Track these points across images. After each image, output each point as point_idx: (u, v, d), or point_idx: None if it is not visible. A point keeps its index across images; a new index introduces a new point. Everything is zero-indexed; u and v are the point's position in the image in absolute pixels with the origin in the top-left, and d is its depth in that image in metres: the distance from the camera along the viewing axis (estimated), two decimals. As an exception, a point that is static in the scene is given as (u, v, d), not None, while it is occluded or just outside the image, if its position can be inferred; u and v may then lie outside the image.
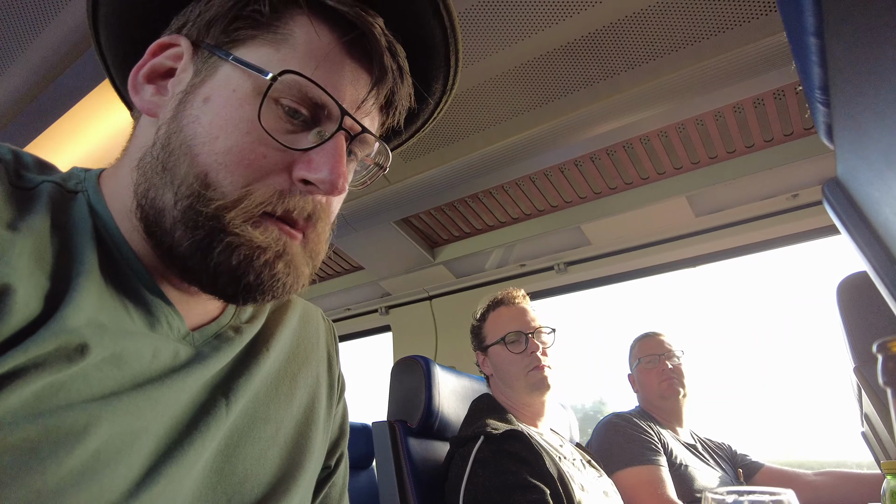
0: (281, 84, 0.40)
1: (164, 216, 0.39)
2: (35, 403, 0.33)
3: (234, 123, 0.40)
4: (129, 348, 0.38)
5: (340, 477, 0.62)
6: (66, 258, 0.37)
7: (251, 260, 0.39)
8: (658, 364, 1.59)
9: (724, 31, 1.05)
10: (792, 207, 1.51)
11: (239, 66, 0.41)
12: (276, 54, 0.42)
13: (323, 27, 0.43)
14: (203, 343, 0.45)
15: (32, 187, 0.39)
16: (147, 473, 0.37)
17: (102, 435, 0.35)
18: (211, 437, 0.42)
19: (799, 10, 0.38)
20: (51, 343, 0.33)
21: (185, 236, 0.39)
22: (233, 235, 0.39)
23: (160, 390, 0.39)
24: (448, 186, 1.53)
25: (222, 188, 0.39)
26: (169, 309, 0.43)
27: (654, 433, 1.46)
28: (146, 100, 0.44)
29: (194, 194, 0.38)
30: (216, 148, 0.39)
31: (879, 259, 0.52)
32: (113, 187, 0.44)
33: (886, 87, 0.35)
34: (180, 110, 0.41)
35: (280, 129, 0.41)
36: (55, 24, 1.02)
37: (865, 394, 0.97)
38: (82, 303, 0.36)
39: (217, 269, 0.39)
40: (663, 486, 1.30)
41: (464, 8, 1.03)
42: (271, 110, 0.41)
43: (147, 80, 0.45)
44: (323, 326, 0.63)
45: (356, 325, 2.41)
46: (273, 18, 0.42)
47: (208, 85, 0.41)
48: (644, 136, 1.36)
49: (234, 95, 0.41)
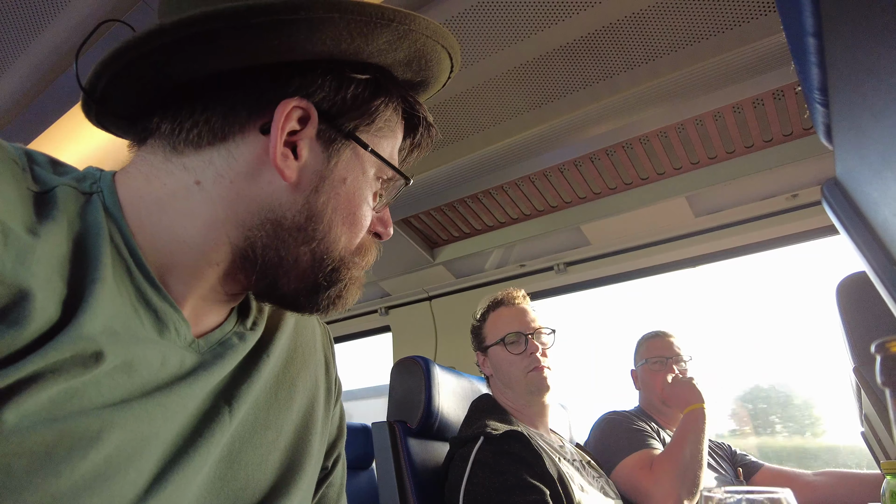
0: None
1: (284, 261, 0.47)
2: (51, 409, 0.33)
3: (363, 199, 0.50)
4: (140, 356, 0.39)
5: (338, 477, 0.63)
6: (83, 264, 0.38)
7: (357, 293, 0.52)
8: (665, 368, 1.56)
9: (724, 31, 1.05)
10: (791, 208, 1.51)
11: (370, 154, 0.50)
12: (389, 145, 0.52)
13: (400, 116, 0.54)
14: (208, 350, 0.47)
15: (48, 190, 0.39)
16: (155, 479, 0.38)
17: (115, 440, 0.36)
18: (215, 443, 0.44)
19: (798, 11, 0.38)
20: (68, 350, 0.34)
21: (309, 278, 0.48)
22: (350, 280, 0.50)
23: (169, 397, 0.40)
24: (448, 187, 1.53)
25: (347, 245, 0.50)
26: (177, 316, 0.44)
27: (651, 431, 1.46)
28: (287, 166, 0.46)
29: (325, 250, 0.48)
30: (347, 217, 0.49)
31: (878, 259, 0.52)
32: (139, 193, 0.44)
33: (885, 88, 0.35)
34: (321, 187, 0.48)
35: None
36: (56, 24, 1.02)
37: (865, 394, 0.97)
38: (98, 310, 0.37)
39: (328, 300, 0.50)
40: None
41: (463, 8, 1.03)
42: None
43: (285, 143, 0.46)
44: (319, 329, 0.64)
45: (356, 325, 2.41)
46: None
47: (343, 165, 0.49)
48: (643, 137, 1.36)
49: (363, 178, 0.50)
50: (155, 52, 0.42)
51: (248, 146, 0.46)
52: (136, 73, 0.44)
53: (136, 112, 0.48)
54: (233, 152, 0.46)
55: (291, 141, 0.46)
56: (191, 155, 0.45)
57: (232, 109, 0.46)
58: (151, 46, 0.42)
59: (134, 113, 0.48)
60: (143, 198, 0.44)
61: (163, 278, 0.44)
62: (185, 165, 0.45)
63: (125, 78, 0.44)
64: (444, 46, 0.50)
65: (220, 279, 0.47)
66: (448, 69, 0.54)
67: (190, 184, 0.45)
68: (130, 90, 0.46)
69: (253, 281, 0.48)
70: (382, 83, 0.50)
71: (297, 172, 0.46)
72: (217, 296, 0.48)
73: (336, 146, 0.48)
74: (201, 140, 0.45)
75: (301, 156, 0.46)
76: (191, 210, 0.45)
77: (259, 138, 0.46)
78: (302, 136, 0.46)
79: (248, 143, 0.46)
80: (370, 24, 0.44)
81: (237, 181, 0.45)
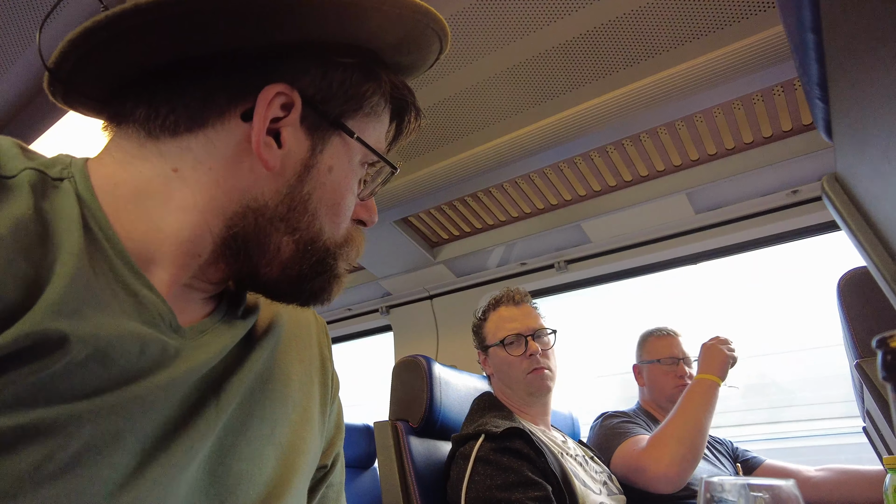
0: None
1: (267, 251, 0.46)
2: (11, 399, 0.31)
3: (348, 187, 0.49)
4: (116, 343, 0.36)
5: (338, 476, 0.61)
6: (50, 247, 0.36)
7: (339, 287, 0.51)
8: (677, 369, 1.56)
9: (724, 27, 1.05)
10: (792, 203, 1.50)
11: (356, 142, 0.48)
12: (375, 131, 0.51)
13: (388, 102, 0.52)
14: (194, 338, 0.44)
15: (12, 175, 0.37)
16: (132, 474, 0.36)
17: (84, 436, 0.34)
18: (201, 437, 0.41)
19: (797, 7, 0.38)
20: (28, 334, 0.32)
21: (292, 268, 0.47)
22: (336, 271, 0.49)
23: (147, 388, 0.38)
24: (447, 185, 1.53)
25: (332, 235, 0.48)
26: (159, 302, 0.41)
27: (644, 425, 1.46)
28: (271, 154, 0.44)
29: (309, 240, 0.47)
30: (332, 207, 0.48)
31: (879, 254, 0.52)
32: (114, 180, 0.42)
33: (884, 84, 0.35)
34: (305, 176, 0.46)
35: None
36: (57, 23, 1.02)
37: (867, 389, 0.97)
38: (65, 293, 0.34)
39: (310, 291, 0.49)
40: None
41: (461, 7, 1.03)
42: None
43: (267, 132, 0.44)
44: (315, 324, 0.62)
45: (357, 324, 2.41)
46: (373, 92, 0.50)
47: (329, 153, 0.47)
48: (643, 134, 1.36)
49: (349, 166, 0.49)
50: (129, 33, 0.39)
51: (229, 133, 0.44)
52: (108, 55, 0.41)
53: (107, 94, 0.46)
54: (212, 139, 0.44)
55: (274, 128, 0.44)
56: (167, 141, 0.43)
57: (211, 94, 0.44)
58: (125, 26, 0.39)
59: (106, 95, 0.46)
60: (119, 185, 0.42)
61: (143, 266, 0.41)
62: (162, 152, 0.43)
63: (95, 58, 0.41)
64: (434, 30, 0.49)
65: (201, 267, 0.45)
66: (437, 52, 0.53)
67: (167, 171, 0.43)
68: (101, 71, 0.43)
69: (234, 269, 0.46)
70: (371, 68, 0.48)
71: (279, 160, 0.44)
72: (201, 284, 0.47)
73: (321, 133, 0.46)
74: (178, 126, 0.43)
75: (284, 143, 0.45)
76: (168, 198, 0.43)
77: (240, 125, 0.44)
78: (285, 124, 0.44)
79: (229, 130, 0.44)
80: (361, 8, 0.43)
81: (216, 169, 0.44)
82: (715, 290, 2.73)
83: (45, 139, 1.29)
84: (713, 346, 1.37)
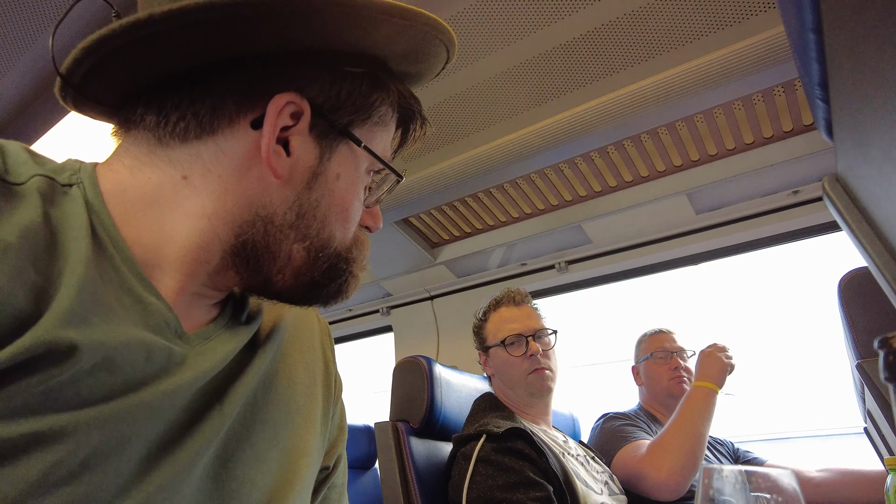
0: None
1: (278, 259, 0.46)
2: (21, 407, 0.31)
3: (355, 194, 0.50)
4: (123, 351, 0.37)
5: (340, 477, 0.61)
6: (58, 255, 0.36)
7: (356, 286, 0.52)
8: (671, 360, 1.57)
9: (724, 27, 1.05)
10: (793, 204, 1.50)
11: (363, 150, 0.49)
12: (382, 140, 0.52)
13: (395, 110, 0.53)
14: (199, 345, 0.44)
15: (22, 182, 0.37)
16: (136, 479, 0.36)
17: (92, 442, 0.34)
18: (205, 441, 0.41)
19: (798, 7, 0.38)
20: (38, 344, 0.32)
21: (305, 275, 0.47)
22: (350, 272, 0.50)
23: (153, 394, 0.38)
24: (448, 186, 1.53)
25: (342, 241, 0.49)
26: (165, 308, 0.41)
27: (645, 426, 1.46)
28: (279, 163, 0.44)
29: (319, 247, 0.47)
30: (340, 214, 0.48)
31: (880, 254, 0.52)
32: (123, 186, 0.43)
33: (886, 84, 0.35)
34: (314, 184, 0.47)
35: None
36: (62, 29, 1.02)
37: (868, 390, 0.97)
38: (74, 302, 0.35)
39: (326, 295, 0.50)
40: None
41: (462, 7, 1.03)
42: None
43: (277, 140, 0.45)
44: (318, 326, 0.62)
45: (358, 325, 2.41)
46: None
47: (336, 161, 0.48)
48: (644, 134, 1.36)
49: (356, 173, 0.49)
50: (142, 41, 0.40)
51: (238, 141, 0.44)
52: (120, 62, 0.42)
53: (118, 99, 0.46)
54: (221, 146, 0.44)
55: (283, 137, 0.45)
56: (177, 148, 0.44)
57: (221, 102, 0.44)
58: (139, 35, 0.39)
59: (116, 100, 0.46)
60: (127, 191, 0.42)
61: (150, 273, 0.42)
62: (171, 159, 0.44)
63: (108, 66, 0.42)
64: (442, 41, 0.49)
65: (210, 275, 0.45)
66: (443, 61, 0.53)
67: (177, 178, 0.43)
68: (113, 78, 0.43)
69: (246, 278, 0.46)
70: (379, 77, 0.49)
71: (288, 169, 0.45)
72: (208, 291, 0.47)
73: (329, 142, 0.47)
74: (188, 133, 0.43)
75: (293, 152, 0.45)
76: (177, 204, 0.43)
77: (249, 133, 0.44)
78: (294, 132, 0.45)
79: (238, 138, 0.44)
80: (370, 19, 0.43)
81: (225, 177, 0.44)
82: (715, 291, 2.74)
83: (46, 139, 1.29)
84: (711, 353, 1.37)
